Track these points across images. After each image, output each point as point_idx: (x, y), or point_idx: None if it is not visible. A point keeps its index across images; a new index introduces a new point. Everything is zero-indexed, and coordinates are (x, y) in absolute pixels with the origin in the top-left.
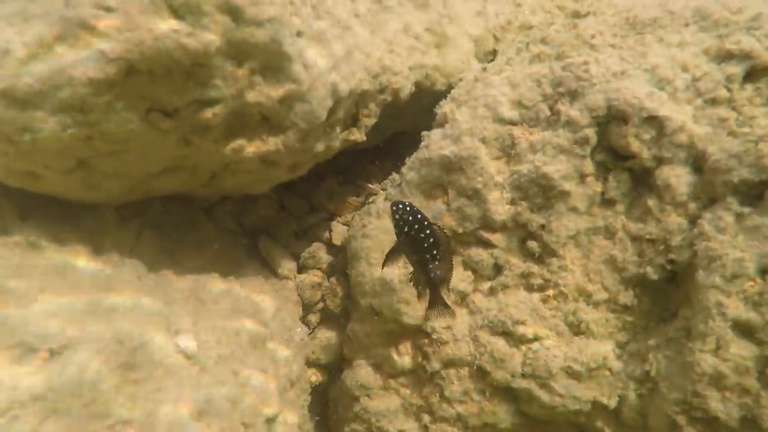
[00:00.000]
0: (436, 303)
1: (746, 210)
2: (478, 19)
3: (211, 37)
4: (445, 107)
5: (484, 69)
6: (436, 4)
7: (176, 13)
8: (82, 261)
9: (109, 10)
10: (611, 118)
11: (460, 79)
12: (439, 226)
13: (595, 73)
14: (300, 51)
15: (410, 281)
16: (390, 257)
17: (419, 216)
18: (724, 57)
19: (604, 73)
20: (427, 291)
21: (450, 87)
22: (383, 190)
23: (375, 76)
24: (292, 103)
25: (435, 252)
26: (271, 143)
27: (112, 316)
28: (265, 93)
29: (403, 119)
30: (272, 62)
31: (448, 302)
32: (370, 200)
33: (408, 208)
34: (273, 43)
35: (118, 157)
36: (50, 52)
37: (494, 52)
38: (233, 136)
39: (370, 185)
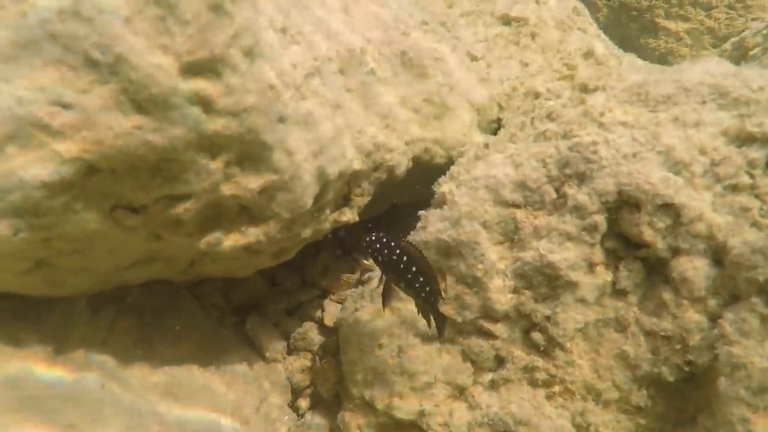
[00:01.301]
0: (442, 325)
1: None
2: (481, 87)
3: (179, 132)
4: (443, 186)
5: (486, 145)
6: (435, 73)
7: (141, 108)
8: (41, 367)
9: (66, 107)
10: (622, 204)
11: (461, 154)
12: (408, 242)
13: (605, 155)
14: (282, 138)
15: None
16: (385, 296)
17: (384, 240)
18: (745, 139)
19: (615, 155)
20: (430, 316)
21: (450, 160)
22: None
23: (368, 155)
24: (273, 193)
25: (414, 269)
26: (252, 235)
27: None
28: (242, 185)
29: (403, 192)
30: (250, 153)
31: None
32: (366, 276)
33: (374, 237)
34: (250, 133)
35: (83, 254)
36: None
37: (498, 120)
38: (209, 228)
39: (365, 261)
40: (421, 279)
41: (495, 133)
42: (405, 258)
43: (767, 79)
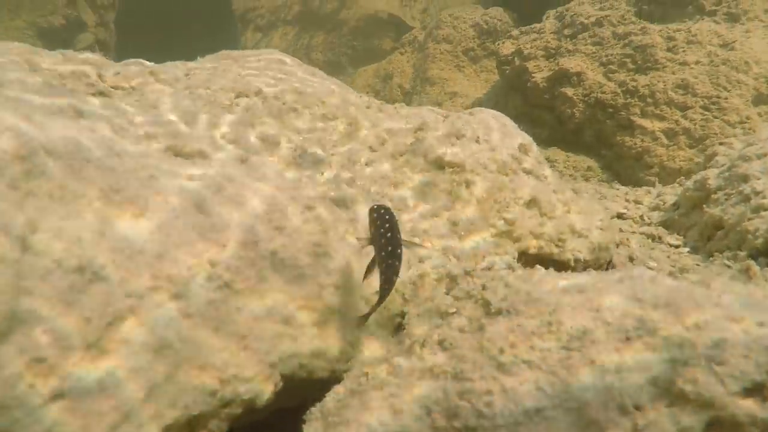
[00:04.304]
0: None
1: None
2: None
3: None
4: (310, 426)
5: (366, 374)
6: (316, 273)
7: None
8: None
9: None
10: None
11: (347, 370)
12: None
13: (501, 410)
14: (52, 426)
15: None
16: (369, 268)
17: (386, 210)
18: (677, 397)
19: (512, 412)
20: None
21: (334, 373)
22: None
23: (211, 394)
24: None
25: (389, 235)
26: None
27: None
28: None
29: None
30: None
31: None
32: None
33: (381, 205)
34: None
35: None
36: None
37: (402, 315)
38: None
39: None
40: (389, 249)
41: (398, 328)
42: (391, 228)
43: (704, 314)
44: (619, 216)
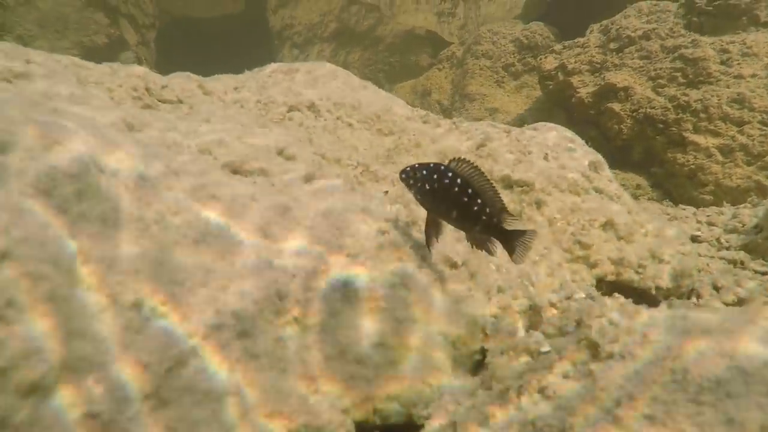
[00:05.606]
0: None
1: None
2: (457, 311)
3: None
4: None
5: (453, 426)
6: (391, 306)
7: None
8: None
9: None
10: None
11: (427, 417)
12: (460, 159)
13: None
14: None
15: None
16: (429, 233)
17: (431, 166)
18: None
19: None
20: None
21: (411, 418)
22: None
23: None
24: None
25: (470, 191)
26: None
27: None
28: None
29: None
30: None
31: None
32: None
33: (416, 165)
34: None
35: None
36: None
37: (483, 351)
38: None
39: None
40: (479, 201)
41: (477, 366)
42: (458, 180)
43: None
44: (693, 239)
